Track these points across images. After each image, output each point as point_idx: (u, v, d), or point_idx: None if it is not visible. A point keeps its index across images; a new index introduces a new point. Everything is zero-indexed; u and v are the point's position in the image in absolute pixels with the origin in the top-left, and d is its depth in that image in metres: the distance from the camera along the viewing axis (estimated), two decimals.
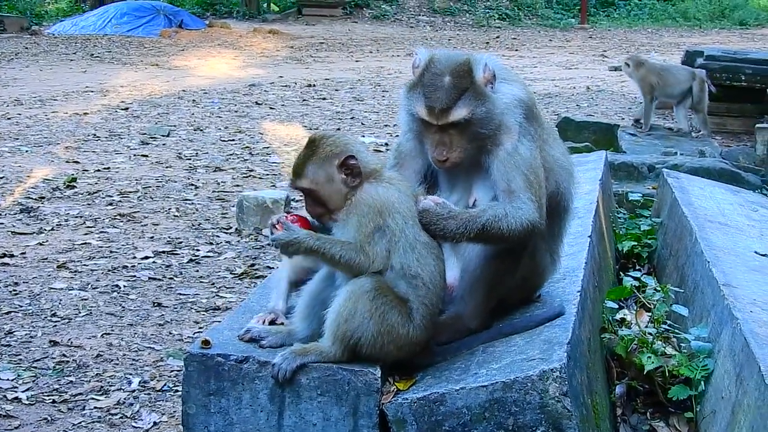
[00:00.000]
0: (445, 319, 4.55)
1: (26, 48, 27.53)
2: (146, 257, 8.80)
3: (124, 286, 7.99)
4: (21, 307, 7.47)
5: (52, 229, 9.69)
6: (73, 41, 29.15)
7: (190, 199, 11.05)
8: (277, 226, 4.23)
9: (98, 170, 12.46)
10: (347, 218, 4.22)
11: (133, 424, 5.63)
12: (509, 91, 4.67)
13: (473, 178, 4.67)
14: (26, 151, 13.59)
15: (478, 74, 4.54)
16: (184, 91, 19.93)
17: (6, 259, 8.64)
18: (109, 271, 8.38)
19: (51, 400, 5.87)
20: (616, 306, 5.88)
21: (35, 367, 6.36)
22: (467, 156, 4.57)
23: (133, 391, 6.05)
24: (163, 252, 8.99)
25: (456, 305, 4.63)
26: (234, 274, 8.41)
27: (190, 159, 13.35)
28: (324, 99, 19.52)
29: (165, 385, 6.14)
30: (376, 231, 4.16)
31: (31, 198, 10.92)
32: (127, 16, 32.07)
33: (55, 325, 7.10)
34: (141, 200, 10.97)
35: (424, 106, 4.51)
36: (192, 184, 11.79)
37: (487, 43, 32.28)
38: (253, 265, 8.66)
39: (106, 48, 27.86)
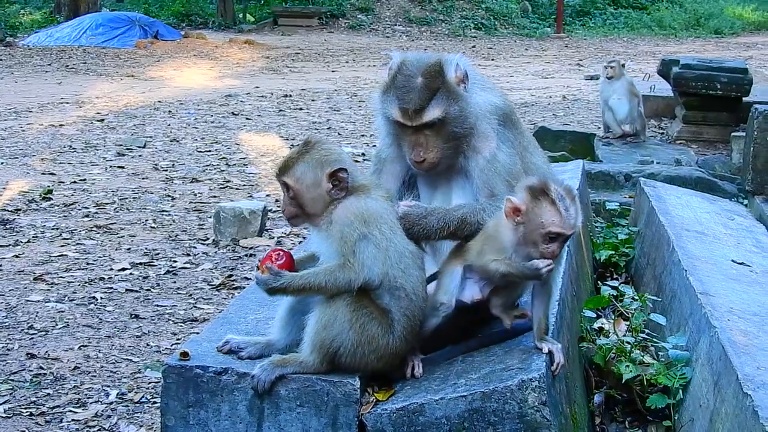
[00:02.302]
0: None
1: (0, 60, 27.42)
2: (123, 269, 8.78)
3: (101, 298, 7.96)
4: None
5: (29, 242, 9.66)
6: (48, 53, 29.04)
7: (166, 211, 11.03)
8: (261, 268, 4.20)
9: (74, 182, 12.43)
10: (330, 228, 4.18)
11: None
12: (485, 97, 4.70)
13: (452, 185, 4.70)
14: (1, 164, 13.54)
15: (450, 74, 4.57)
16: (160, 102, 19.90)
17: None
18: (85, 283, 8.35)
19: (28, 413, 5.85)
20: (594, 315, 5.91)
21: (12, 380, 6.33)
22: (445, 157, 4.60)
23: (111, 403, 6.04)
24: (140, 263, 8.97)
25: None
26: (211, 285, 8.40)
27: (166, 170, 13.33)
28: (300, 109, 19.52)
29: (143, 397, 6.12)
30: (360, 240, 4.13)
31: (7, 210, 10.87)
32: (102, 27, 31.92)
33: (32, 338, 7.08)
34: (117, 212, 10.95)
35: (398, 108, 4.54)
36: (169, 196, 11.77)
37: (464, 52, 31.92)
38: (230, 276, 8.65)
39: (82, 59, 27.78)
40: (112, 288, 8.24)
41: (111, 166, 13.51)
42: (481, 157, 4.60)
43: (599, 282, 7.25)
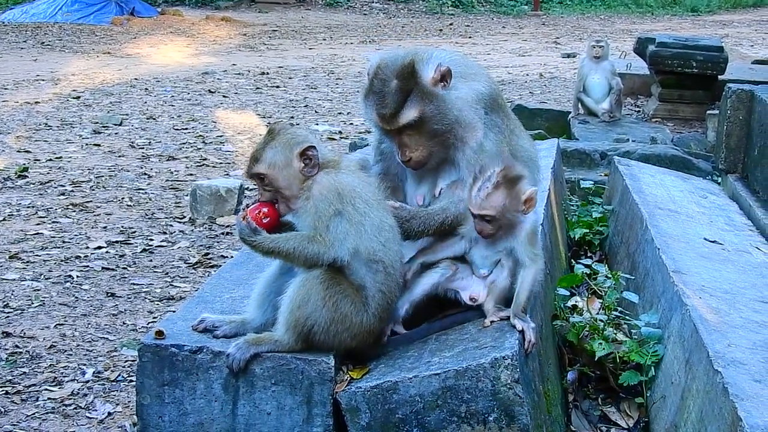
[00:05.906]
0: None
1: None
2: (99, 247, 8.77)
3: (77, 276, 7.96)
4: None
5: (4, 219, 9.63)
6: (23, 29, 28.84)
7: (143, 189, 11.01)
8: (244, 216, 4.23)
9: (50, 160, 12.39)
10: (305, 205, 4.22)
11: (87, 414, 5.62)
12: (468, 85, 4.73)
13: (439, 171, 4.75)
14: None
15: (424, 73, 4.60)
16: (136, 79, 19.82)
17: None
18: (61, 261, 8.35)
19: (4, 392, 5.85)
20: (568, 293, 5.94)
21: None
22: (433, 152, 4.66)
23: (87, 381, 6.04)
24: (116, 242, 8.96)
25: None
26: (188, 263, 8.40)
27: (143, 148, 13.30)
28: (277, 87, 19.47)
29: (119, 375, 6.13)
30: (335, 215, 4.17)
31: None
32: (77, 4, 31.65)
33: (8, 316, 7.07)
34: (93, 190, 10.92)
35: (376, 113, 4.63)
36: (145, 174, 11.75)
37: (441, 30, 32.30)
38: (207, 254, 8.65)
39: (57, 36, 27.61)
40: (88, 266, 8.24)
41: (87, 144, 13.46)
42: (468, 147, 4.67)
43: (573, 260, 7.28)
